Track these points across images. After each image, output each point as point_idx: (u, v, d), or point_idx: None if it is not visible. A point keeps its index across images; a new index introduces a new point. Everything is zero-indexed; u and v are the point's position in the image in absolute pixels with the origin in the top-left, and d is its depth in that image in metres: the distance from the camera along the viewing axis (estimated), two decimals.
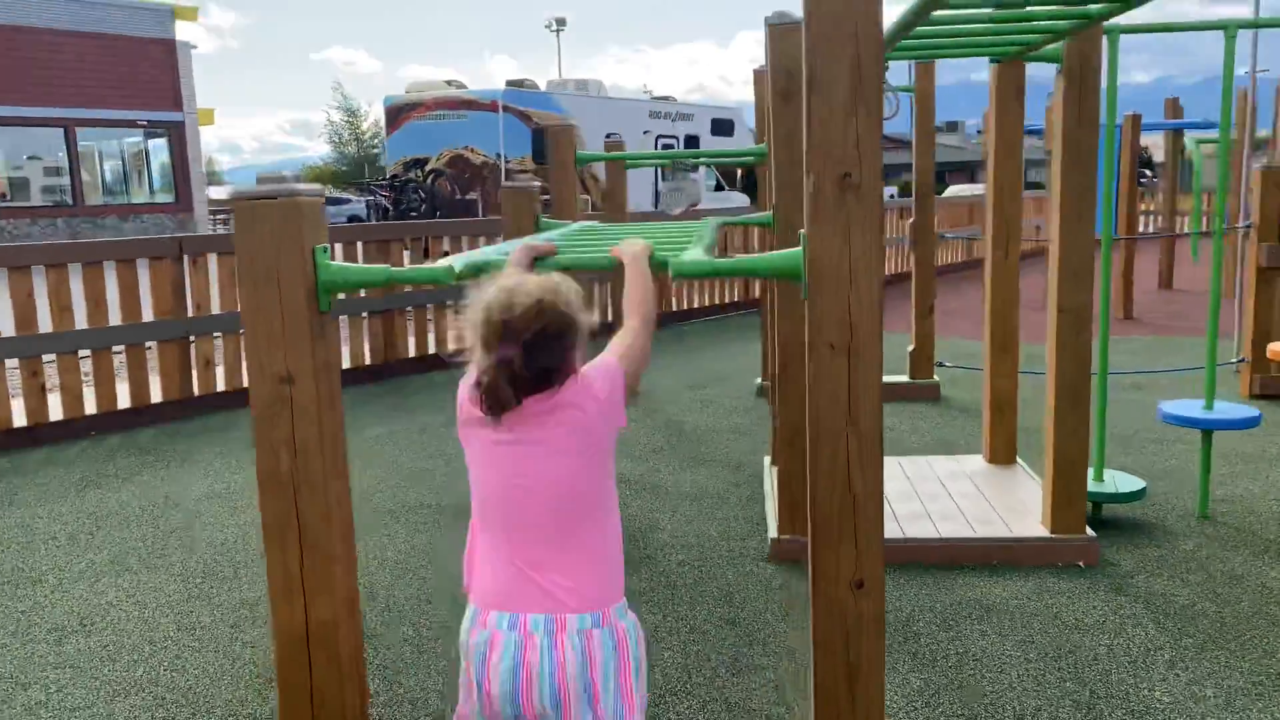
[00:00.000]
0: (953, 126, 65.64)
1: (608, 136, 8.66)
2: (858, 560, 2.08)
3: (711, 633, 3.70)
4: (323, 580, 2.19)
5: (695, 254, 2.22)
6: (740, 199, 19.27)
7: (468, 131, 19.92)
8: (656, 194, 22.32)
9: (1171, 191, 13.93)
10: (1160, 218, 14.31)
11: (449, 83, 21.59)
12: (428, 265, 2.20)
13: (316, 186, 2.17)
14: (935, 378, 7.64)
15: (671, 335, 9.56)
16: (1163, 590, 4.06)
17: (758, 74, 7.41)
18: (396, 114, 21.36)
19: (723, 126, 24.25)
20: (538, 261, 2.36)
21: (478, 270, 2.36)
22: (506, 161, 19.79)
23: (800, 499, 4.39)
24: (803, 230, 2.05)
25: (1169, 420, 4.85)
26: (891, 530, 4.46)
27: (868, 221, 1.98)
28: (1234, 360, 7.82)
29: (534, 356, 1.79)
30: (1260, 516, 4.79)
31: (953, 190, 30.98)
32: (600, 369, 1.91)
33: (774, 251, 2.13)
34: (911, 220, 7.79)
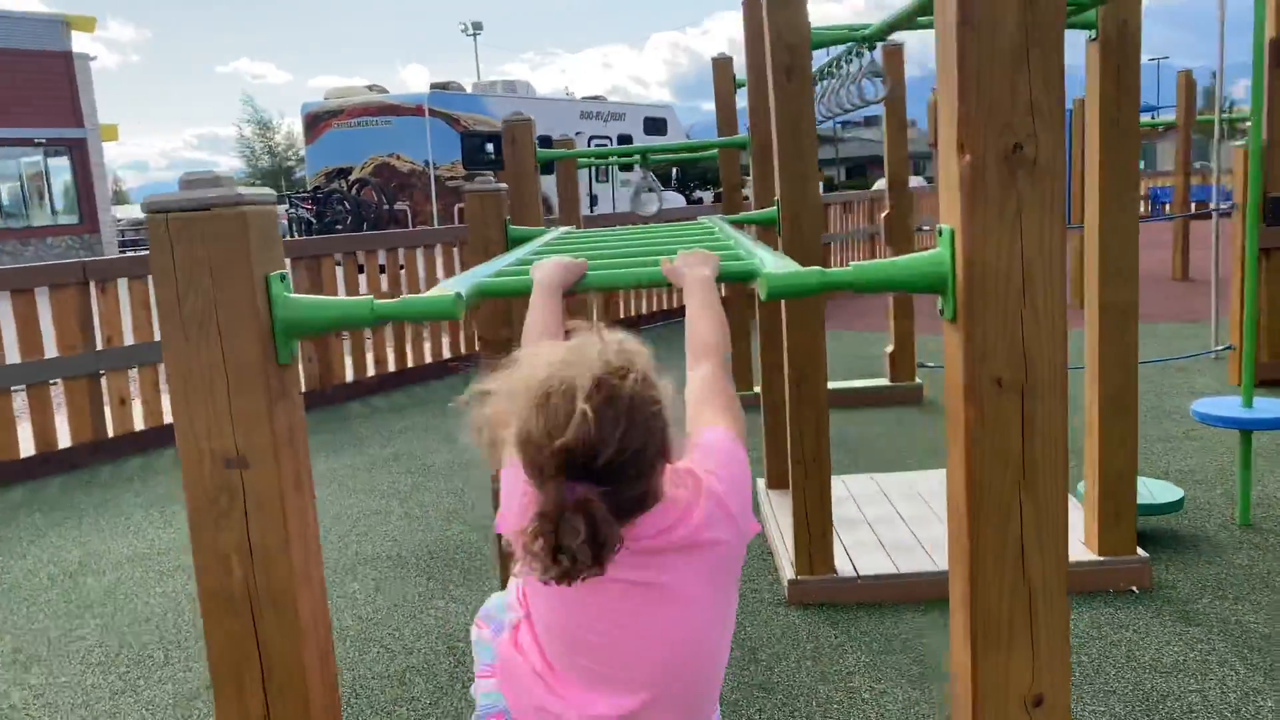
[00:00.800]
0: (870, 120, 66.10)
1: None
2: (1035, 670, 1.55)
3: (744, 704, 3.14)
4: None
5: (783, 264, 1.66)
6: (675, 199, 18.76)
7: (393, 138, 19.04)
8: (600, 196, 21.78)
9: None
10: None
11: (370, 88, 20.65)
12: (425, 296, 1.60)
13: (266, 190, 1.56)
14: (918, 379, 7.20)
15: None
16: (1234, 617, 3.62)
17: (718, 61, 6.89)
18: (315, 122, 20.37)
19: (656, 125, 23.72)
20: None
21: (485, 295, 1.77)
22: (435, 168, 18.98)
23: (820, 533, 3.87)
24: (945, 225, 1.51)
25: (1205, 421, 4.44)
26: (920, 560, 3.97)
27: (1048, 210, 1.44)
28: (1218, 348, 7.54)
29: (619, 487, 1.21)
30: None
31: (881, 185, 30.91)
32: (721, 462, 1.34)
33: (903, 257, 1.57)
34: (886, 213, 7.34)
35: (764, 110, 4.53)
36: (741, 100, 6.86)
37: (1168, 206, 14.67)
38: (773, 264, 1.64)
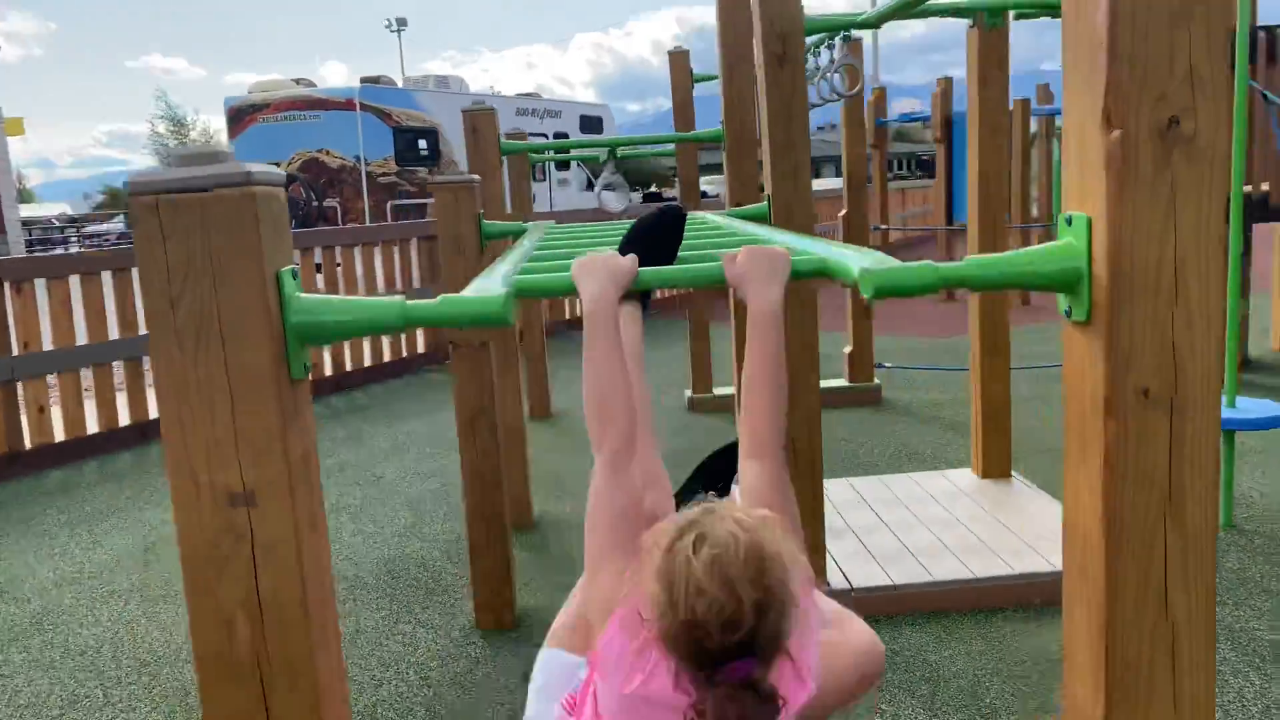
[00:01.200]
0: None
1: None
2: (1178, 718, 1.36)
3: None
4: None
5: (868, 259, 1.44)
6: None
7: (322, 133, 18.40)
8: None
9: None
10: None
11: (297, 81, 19.95)
12: (468, 296, 1.34)
13: (275, 170, 1.29)
14: (876, 380, 7.08)
15: (554, 347, 8.70)
16: (1238, 624, 3.52)
17: (675, 55, 6.69)
18: (240, 116, 19.61)
19: (591, 124, 23.39)
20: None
21: (523, 295, 1.52)
22: (367, 164, 18.42)
23: (814, 546, 3.68)
24: (1077, 213, 1.30)
25: None
26: (912, 569, 3.81)
27: (1207, 195, 1.24)
28: None
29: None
30: None
31: (835, 183, 31.12)
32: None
33: (1026, 250, 1.36)
34: (843, 211, 7.21)
35: (739, 101, 4.33)
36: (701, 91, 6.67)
37: None
38: (856, 259, 1.42)
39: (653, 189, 30.29)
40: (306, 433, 1.34)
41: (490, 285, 1.44)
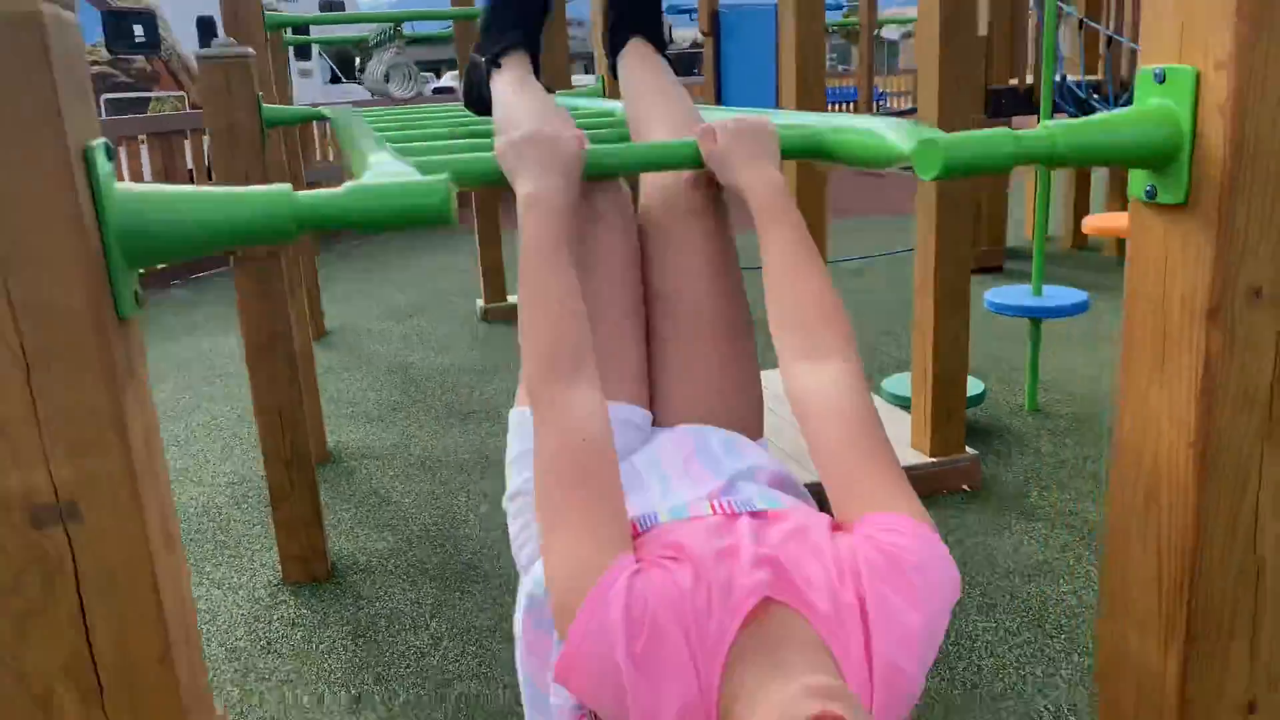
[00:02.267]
0: None
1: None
2: (1254, 670, 1.17)
3: None
4: None
5: (932, 131, 1.12)
6: (361, 93, 17.20)
7: None
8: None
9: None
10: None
11: None
12: (383, 184, 0.90)
13: None
14: None
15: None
16: (1066, 508, 3.61)
17: None
18: None
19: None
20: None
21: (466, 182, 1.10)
22: None
23: None
24: (1175, 66, 1.03)
25: (999, 310, 4.43)
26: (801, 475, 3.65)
27: None
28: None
29: None
30: (1086, 402, 4.54)
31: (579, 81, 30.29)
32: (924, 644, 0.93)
33: (1114, 113, 1.08)
34: None
35: None
36: None
37: (853, 106, 15.34)
38: (895, 129, 1.10)
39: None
40: (145, 403, 0.87)
41: (400, 171, 1.00)
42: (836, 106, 16.60)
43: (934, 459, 3.76)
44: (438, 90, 21.50)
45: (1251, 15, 0.97)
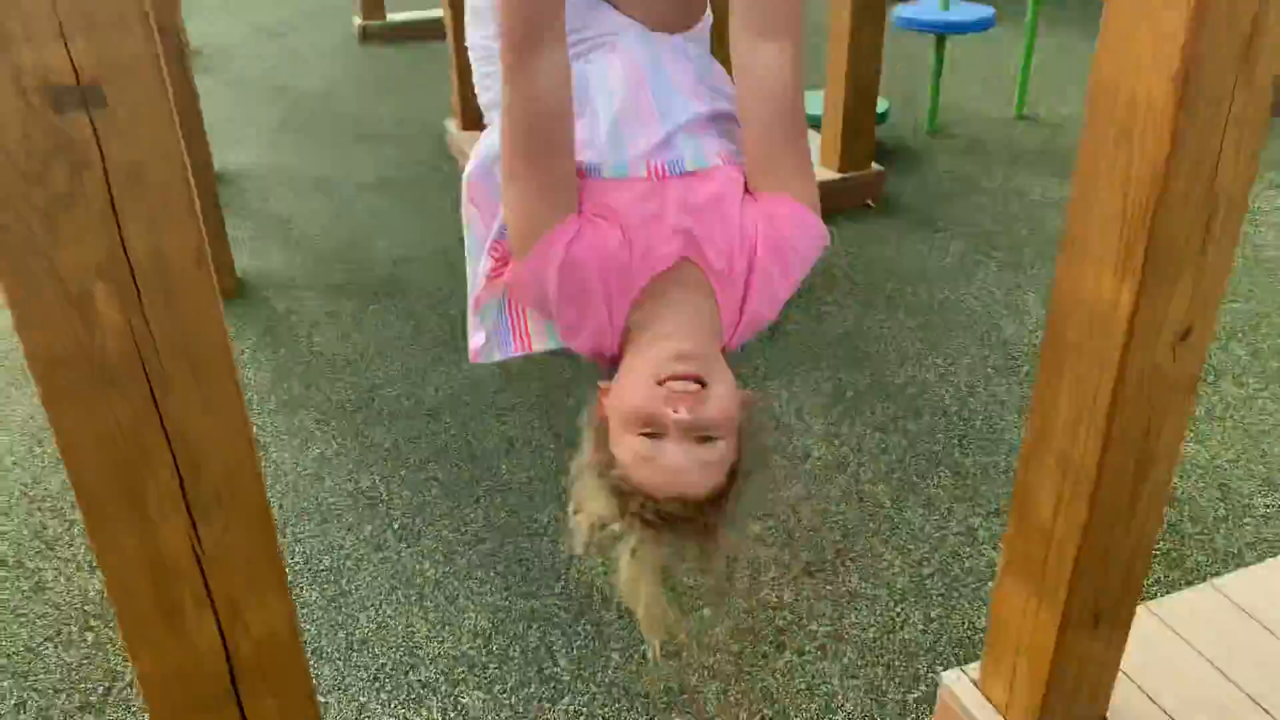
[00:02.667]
0: None
1: None
2: (1194, 299, 1.28)
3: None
4: None
5: None
6: None
7: None
8: None
9: None
10: None
11: None
12: None
13: None
14: None
15: None
16: (965, 218, 3.77)
17: None
18: None
19: None
20: None
21: None
22: None
23: None
24: None
25: (907, 25, 4.40)
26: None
27: None
28: None
29: None
30: (984, 122, 4.64)
31: None
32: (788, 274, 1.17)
33: None
34: None
35: None
36: None
37: None
38: None
39: None
40: None
41: None
42: None
43: (842, 174, 3.83)
44: None
45: None
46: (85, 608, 2.12)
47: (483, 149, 1.22)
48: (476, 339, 1.23)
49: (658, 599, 1.07)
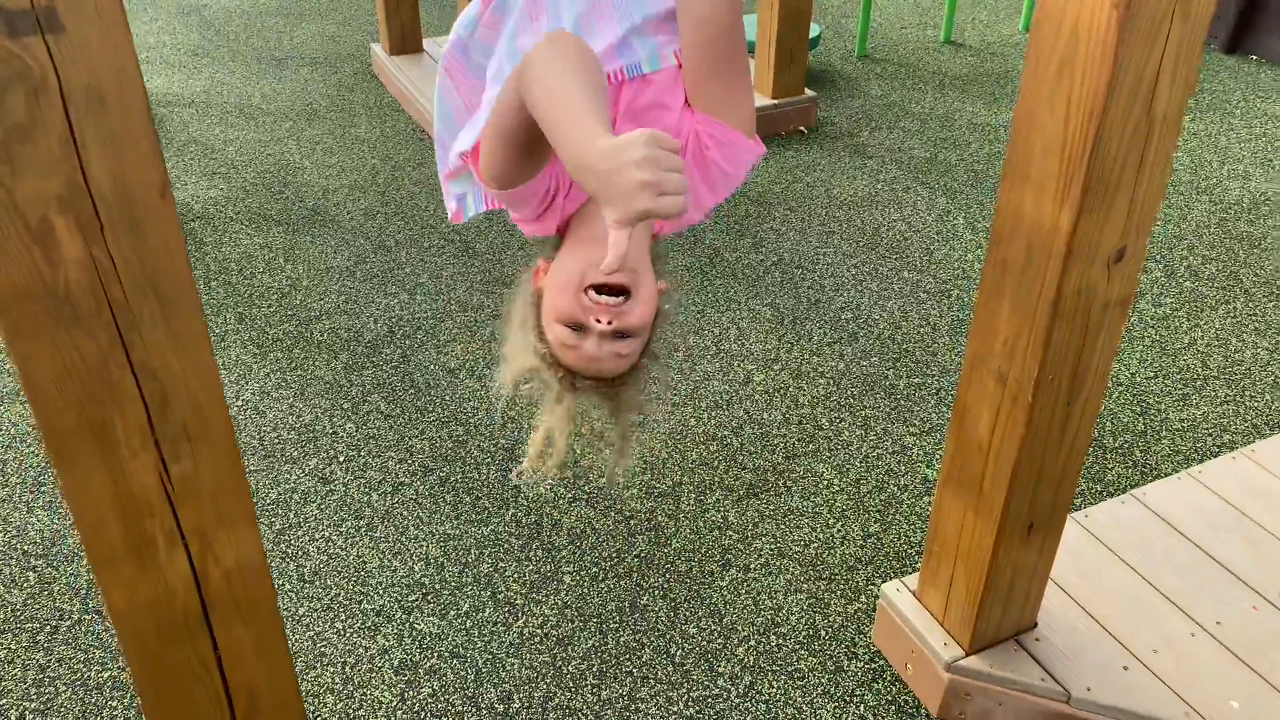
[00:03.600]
0: None
1: None
2: (1129, 221, 1.33)
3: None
4: None
5: None
6: None
7: None
8: None
9: None
10: None
11: None
12: None
13: None
14: None
15: None
16: (894, 144, 3.81)
17: None
18: None
19: None
20: None
21: None
22: None
23: None
24: None
25: None
26: None
27: None
28: None
29: None
30: (913, 48, 4.66)
31: None
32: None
33: None
34: None
35: None
36: None
37: None
38: None
39: None
40: None
41: None
42: None
43: (775, 100, 3.83)
44: None
45: None
46: (24, 548, 2.08)
47: (459, 24, 1.26)
48: (452, 204, 1.29)
49: (566, 433, 1.21)
